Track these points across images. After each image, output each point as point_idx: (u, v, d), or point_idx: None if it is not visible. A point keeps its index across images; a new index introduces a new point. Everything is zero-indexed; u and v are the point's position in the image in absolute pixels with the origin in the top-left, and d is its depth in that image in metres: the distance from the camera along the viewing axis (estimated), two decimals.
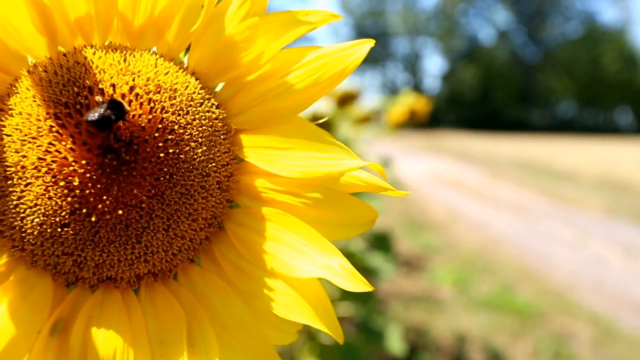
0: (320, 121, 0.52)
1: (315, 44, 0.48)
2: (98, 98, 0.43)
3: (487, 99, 41.44)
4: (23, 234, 0.44)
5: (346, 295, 2.19)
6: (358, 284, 0.43)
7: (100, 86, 0.44)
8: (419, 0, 48.42)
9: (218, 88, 0.51)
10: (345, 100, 2.85)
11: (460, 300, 4.29)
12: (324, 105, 2.19)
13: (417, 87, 40.97)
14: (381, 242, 2.60)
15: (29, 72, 0.45)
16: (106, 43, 0.49)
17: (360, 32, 43.98)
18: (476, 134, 28.29)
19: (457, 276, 4.77)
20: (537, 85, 42.16)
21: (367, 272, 2.41)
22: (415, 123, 3.56)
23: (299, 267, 0.44)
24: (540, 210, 7.51)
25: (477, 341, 3.59)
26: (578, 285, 4.57)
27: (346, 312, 2.17)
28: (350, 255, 2.08)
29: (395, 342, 2.31)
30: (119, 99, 0.43)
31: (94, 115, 0.41)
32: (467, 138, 24.15)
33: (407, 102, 3.47)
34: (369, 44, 0.47)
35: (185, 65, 0.50)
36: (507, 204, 8.00)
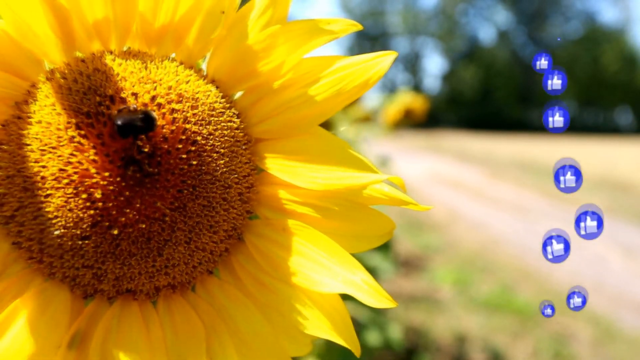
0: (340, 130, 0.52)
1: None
2: (132, 104, 0.42)
3: (487, 99, 41.42)
4: (42, 246, 0.43)
5: (346, 296, 2.19)
6: (381, 300, 0.43)
7: (122, 95, 0.43)
8: (419, 0, 48.40)
9: (237, 96, 0.50)
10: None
11: (460, 300, 4.29)
12: None
13: (417, 87, 40.90)
14: None
15: (47, 78, 0.44)
16: (124, 49, 0.48)
17: (360, 32, 43.90)
18: (476, 134, 28.27)
19: (457, 276, 4.78)
20: (537, 85, 41.97)
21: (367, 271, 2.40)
22: (412, 122, 3.56)
23: (321, 281, 0.44)
24: (540, 210, 7.51)
25: (477, 341, 3.60)
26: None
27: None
28: None
29: (395, 341, 2.32)
30: (150, 111, 0.42)
31: (122, 119, 0.40)
32: (467, 138, 24.13)
33: (403, 101, 3.47)
34: (392, 56, 0.47)
35: (204, 73, 0.49)
36: (507, 204, 8.00)
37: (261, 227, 0.49)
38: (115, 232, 0.42)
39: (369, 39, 42.88)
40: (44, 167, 0.42)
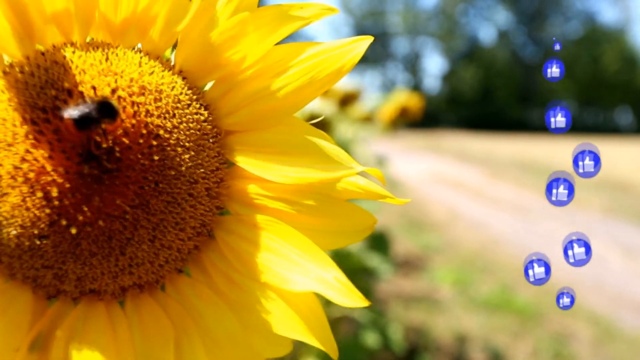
0: (315, 121, 0.49)
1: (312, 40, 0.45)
2: (89, 95, 0.40)
3: (487, 99, 41.45)
4: (0, 246, 0.41)
5: None
6: (354, 298, 0.41)
7: (80, 88, 0.41)
8: (419, 0, 48.46)
9: (207, 87, 0.48)
10: (347, 100, 2.85)
11: (460, 300, 4.29)
12: (325, 106, 2.19)
13: (417, 87, 40.95)
14: (378, 242, 2.59)
15: (4, 72, 0.42)
16: (88, 40, 0.46)
17: (361, 32, 43.86)
18: (476, 134, 28.28)
19: (457, 276, 4.77)
20: (537, 85, 42.17)
21: (364, 272, 2.40)
22: (408, 120, 3.57)
23: (292, 279, 0.42)
24: (540, 210, 7.50)
25: (477, 341, 3.59)
26: (578, 285, 4.56)
27: (345, 312, 2.17)
28: (347, 256, 2.08)
29: (395, 342, 2.31)
30: (108, 98, 0.40)
31: (74, 112, 0.38)
32: (467, 138, 24.14)
33: (399, 100, 3.47)
34: (367, 40, 0.44)
35: (172, 64, 0.47)
36: (507, 204, 8.00)
37: (232, 223, 0.47)
38: (74, 231, 0.40)
39: None
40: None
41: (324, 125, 0.46)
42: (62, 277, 0.43)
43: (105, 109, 0.39)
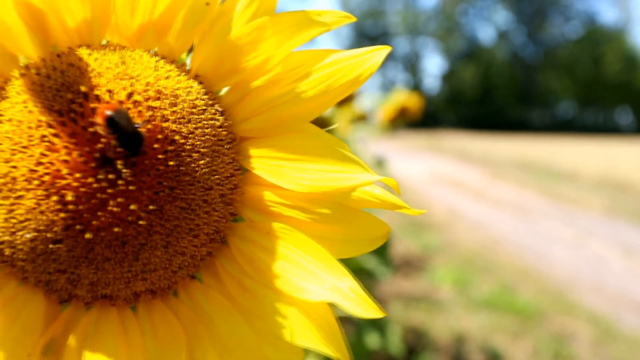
0: (330, 128, 0.49)
1: (314, 43, 0.45)
2: (137, 117, 0.40)
3: (487, 99, 41.40)
4: (13, 249, 0.41)
5: None
6: (368, 309, 0.40)
7: (96, 92, 0.41)
8: (419, 0, 48.40)
9: (222, 92, 0.47)
10: (345, 99, 2.84)
11: (460, 300, 4.28)
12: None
13: (417, 87, 40.90)
14: None
15: (21, 74, 0.42)
16: (103, 42, 0.45)
17: (361, 32, 43.98)
18: (476, 134, 28.25)
19: (457, 276, 4.77)
20: (537, 85, 42.12)
21: (362, 273, 2.40)
22: (408, 120, 3.55)
23: (306, 288, 0.41)
24: (540, 210, 7.50)
25: (477, 341, 3.59)
26: (578, 285, 4.56)
27: (345, 312, 2.17)
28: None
29: (393, 343, 2.31)
30: (143, 134, 0.40)
31: (118, 114, 0.38)
32: (467, 138, 24.11)
33: (398, 100, 3.46)
34: (384, 50, 0.44)
35: (187, 68, 0.46)
36: (507, 204, 7.99)
37: (245, 230, 0.46)
38: (89, 235, 0.40)
39: (368, 39, 42.88)
40: (14, 167, 0.39)
41: (322, 124, 0.45)
42: (75, 281, 0.42)
43: (136, 139, 0.39)
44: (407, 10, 44.45)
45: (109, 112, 0.38)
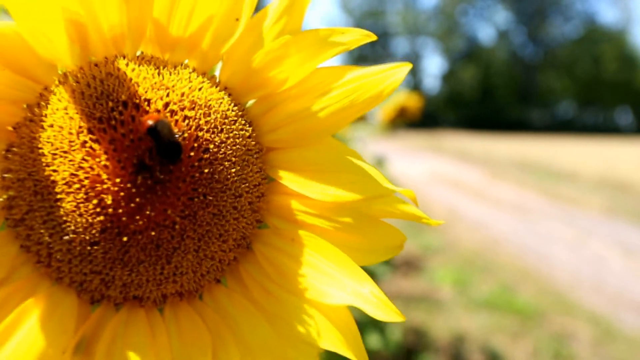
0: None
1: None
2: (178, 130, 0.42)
3: (487, 99, 41.37)
4: (50, 250, 0.43)
5: None
6: (389, 312, 0.42)
7: (135, 101, 0.43)
8: (419, 0, 48.37)
9: (248, 104, 0.50)
10: None
11: (460, 300, 4.29)
12: None
13: (417, 87, 40.88)
14: None
15: (59, 82, 0.44)
16: (138, 54, 0.47)
17: None
18: (476, 134, 28.23)
19: (457, 276, 4.77)
20: (537, 85, 42.09)
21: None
22: (407, 120, 3.56)
23: (328, 293, 0.43)
24: (540, 210, 7.51)
25: (476, 341, 3.59)
26: (578, 285, 4.57)
27: None
28: None
29: (392, 342, 2.33)
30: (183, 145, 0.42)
31: (162, 125, 0.40)
32: (467, 138, 24.10)
33: (398, 99, 3.46)
34: (406, 67, 0.46)
35: (217, 80, 0.49)
36: (507, 204, 8.00)
37: (270, 237, 0.48)
38: (125, 238, 0.42)
39: None
40: (55, 171, 0.41)
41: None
42: (109, 282, 0.44)
43: (176, 149, 0.41)
44: (407, 10, 44.39)
45: (151, 122, 0.40)
